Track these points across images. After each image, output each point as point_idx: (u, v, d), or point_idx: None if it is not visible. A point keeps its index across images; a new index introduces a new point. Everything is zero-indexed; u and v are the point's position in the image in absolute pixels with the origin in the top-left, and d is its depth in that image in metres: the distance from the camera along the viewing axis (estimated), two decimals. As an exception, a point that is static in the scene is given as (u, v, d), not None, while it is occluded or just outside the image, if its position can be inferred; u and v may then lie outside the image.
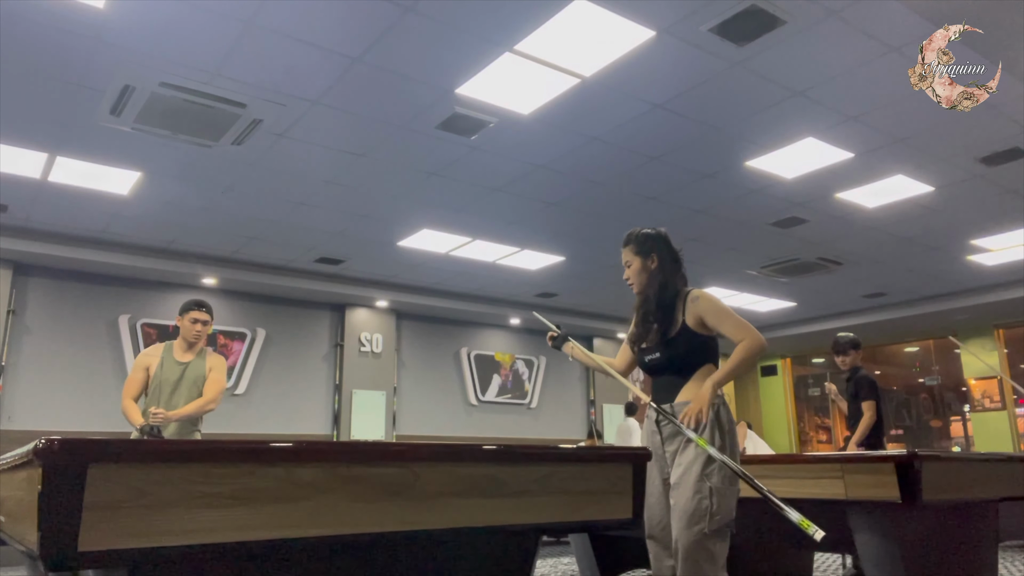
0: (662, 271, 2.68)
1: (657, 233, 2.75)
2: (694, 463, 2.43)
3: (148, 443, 1.55)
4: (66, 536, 1.32)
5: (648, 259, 2.70)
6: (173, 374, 3.88)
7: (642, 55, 4.19)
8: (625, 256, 2.76)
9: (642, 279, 2.71)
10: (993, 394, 10.65)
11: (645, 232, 2.75)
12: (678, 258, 2.75)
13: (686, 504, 2.39)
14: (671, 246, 2.75)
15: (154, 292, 8.38)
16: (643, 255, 2.71)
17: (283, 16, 3.84)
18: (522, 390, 11.11)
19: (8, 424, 7.32)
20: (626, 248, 2.76)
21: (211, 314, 4.04)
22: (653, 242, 2.72)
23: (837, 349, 5.18)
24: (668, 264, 2.70)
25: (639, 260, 2.72)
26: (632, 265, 2.73)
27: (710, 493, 2.38)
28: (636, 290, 2.75)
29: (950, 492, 2.85)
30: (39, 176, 5.80)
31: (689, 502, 2.38)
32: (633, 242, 2.75)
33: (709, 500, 2.37)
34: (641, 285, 2.72)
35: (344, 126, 5.04)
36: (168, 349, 3.98)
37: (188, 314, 3.96)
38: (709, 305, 2.59)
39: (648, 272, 2.70)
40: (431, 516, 1.74)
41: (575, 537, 3.87)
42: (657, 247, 2.71)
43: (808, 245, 7.79)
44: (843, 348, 5.14)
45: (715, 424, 2.47)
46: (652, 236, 2.73)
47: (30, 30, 3.90)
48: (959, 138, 5.30)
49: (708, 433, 2.44)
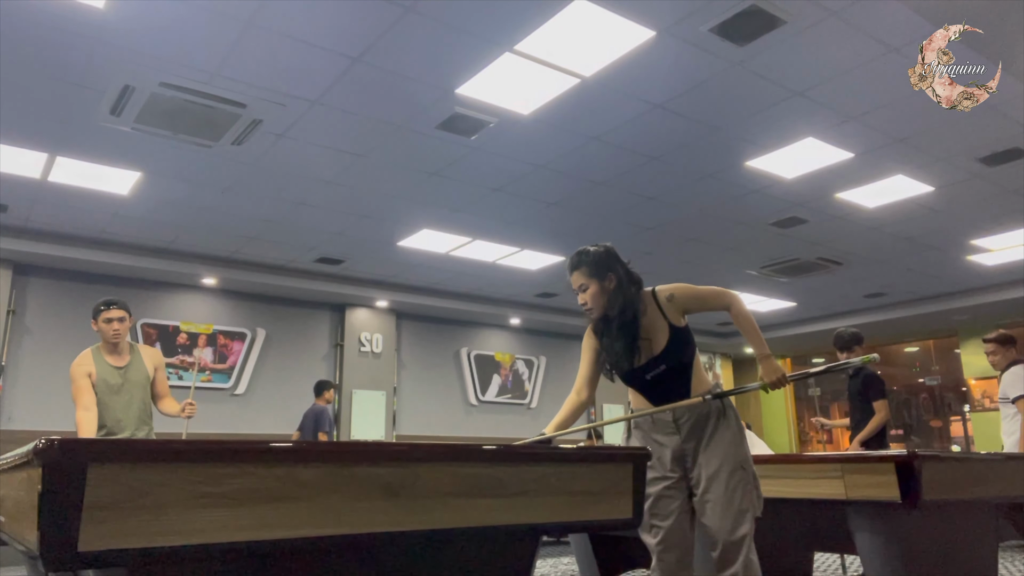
0: (622, 288, 2.52)
1: (607, 250, 2.57)
2: (733, 453, 2.45)
3: (148, 443, 1.56)
4: (66, 536, 1.32)
5: (606, 280, 2.52)
6: (114, 378, 3.73)
7: (642, 55, 4.19)
8: (578, 280, 2.55)
9: (601, 302, 2.53)
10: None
11: (595, 251, 2.56)
12: (629, 269, 2.59)
13: (730, 494, 2.40)
14: (621, 259, 2.59)
15: (154, 292, 8.38)
16: (599, 277, 2.52)
17: (283, 16, 3.84)
18: (522, 390, 11.11)
19: (8, 424, 7.32)
20: (577, 272, 2.56)
21: (125, 308, 3.82)
22: (607, 260, 2.54)
23: (840, 344, 5.04)
24: (625, 280, 2.54)
25: (595, 283, 2.52)
26: (589, 289, 2.53)
27: (753, 478, 2.45)
28: (596, 315, 2.56)
29: (950, 492, 2.85)
30: (39, 176, 5.80)
31: (735, 492, 2.40)
32: (586, 264, 2.55)
33: (753, 486, 2.44)
34: (601, 308, 2.53)
35: (344, 126, 5.04)
36: (97, 354, 3.78)
37: (100, 316, 3.76)
38: (687, 295, 2.54)
39: (607, 294, 2.52)
40: (431, 516, 1.74)
41: (575, 537, 3.86)
42: (611, 264, 2.54)
43: (808, 245, 7.79)
44: (846, 343, 5.01)
45: (724, 415, 2.52)
46: (604, 254, 2.56)
47: (30, 30, 3.90)
48: (959, 138, 5.30)
49: (728, 428, 2.49)
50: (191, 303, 8.65)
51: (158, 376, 3.89)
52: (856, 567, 4.83)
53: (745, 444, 2.53)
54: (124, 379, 3.75)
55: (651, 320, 2.53)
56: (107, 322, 3.74)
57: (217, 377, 8.64)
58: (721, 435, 2.49)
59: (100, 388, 3.69)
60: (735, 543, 2.37)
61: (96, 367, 3.71)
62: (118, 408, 3.70)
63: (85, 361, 3.74)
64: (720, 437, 2.48)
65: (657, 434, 2.57)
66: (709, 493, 2.44)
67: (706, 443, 2.49)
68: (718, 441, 2.48)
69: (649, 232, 7.15)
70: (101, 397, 3.68)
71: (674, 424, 2.54)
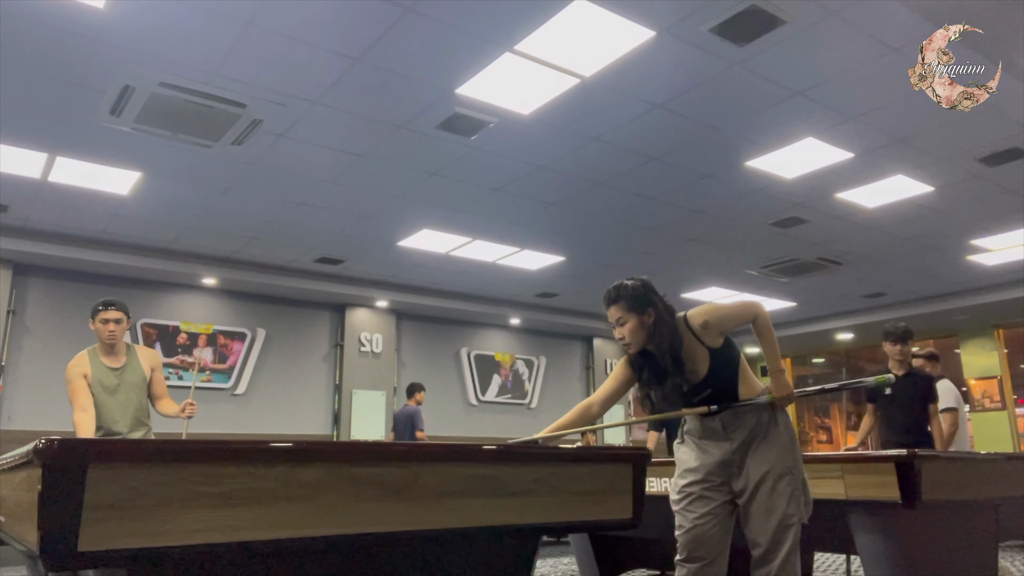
0: (661, 323, 2.45)
1: (643, 283, 2.51)
2: (781, 459, 2.44)
3: (148, 443, 1.55)
4: (66, 536, 1.32)
5: (644, 314, 2.44)
6: (109, 380, 3.71)
7: (642, 55, 4.19)
8: (615, 314, 2.48)
9: (640, 337, 2.46)
10: (993, 394, 10.65)
11: (633, 285, 2.49)
12: (666, 301, 2.53)
13: (774, 502, 2.40)
14: (657, 291, 2.53)
15: (154, 292, 8.38)
16: (638, 311, 2.45)
17: (283, 16, 3.84)
18: (522, 390, 11.11)
19: (8, 424, 7.32)
20: (615, 306, 2.48)
21: (123, 310, 3.78)
22: (645, 294, 2.47)
23: (897, 337, 4.47)
24: (664, 313, 2.47)
25: (635, 317, 2.45)
26: (627, 323, 2.46)
27: (802, 485, 2.46)
28: (633, 349, 2.50)
29: (950, 492, 2.85)
30: (39, 176, 5.80)
31: (779, 499, 2.40)
32: (625, 298, 2.47)
33: (802, 491, 2.45)
34: (640, 344, 2.47)
35: (344, 126, 5.04)
36: (93, 355, 3.76)
37: (97, 316, 3.73)
38: (720, 318, 2.49)
39: (646, 328, 2.45)
40: (431, 516, 1.74)
41: (575, 537, 3.87)
42: (650, 298, 2.47)
43: (808, 245, 7.79)
44: (904, 336, 4.46)
45: (775, 422, 2.50)
46: (642, 288, 2.49)
47: (30, 30, 3.90)
48: (959, 138, 5.30)
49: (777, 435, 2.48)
50: (191, 303, 8.65)
51: (155, 377, 3.87)
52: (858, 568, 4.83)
53: (796, 450, 2.50)
54: (120, 380, 3.74)
55: (689, 348, 2.48)
56: (103, 323, 3.72)
57: (217, 377, 8.64)
58: (770, 443, 2.46)
59: (95, 389, 3.67)
60: (776, 550, 2.37)
61: (91, 368, 3.70)
62: (114, 409, 3.69)
63: (80, 362, 3.72)
64: (769, 445, 2.46)
65: (707, 441, 2.54)
66: (752, 501, 2.42)
67: (755, 450, 2.47)
68: (766, 448, 2.46)
69: (649, 232, 7.15)
70: (97, 398, 3.66)
71: (723, 432, 2.50)
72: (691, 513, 2.45)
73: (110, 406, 3.69)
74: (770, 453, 2.45)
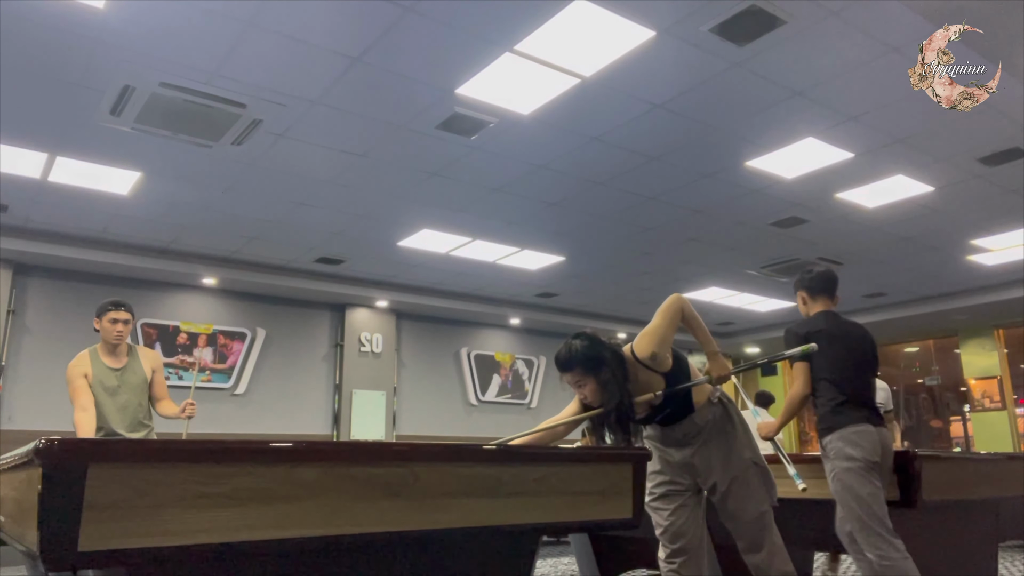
0: (615, 375, 2.44)
1: (591, 340, 2.50)
2: (741, 454, 2.53)
3: (148, 443, 1.56)
4: (66, 536, 1.32)
5: (601, 372, 2.44)
6: (110, 380, 3.71)
7: (642, 55, 4.19)
8: (572, 379, 2.50)
9: (603, 396, 2.47)
10: (993, 394, 10.65)
11: (581, 345, 2.47)
12: (614, 348, 2.52)
13: (750, 499, 2.49)
14: (604, 341, 2.52)
15: (154, 292, 8.38)
16: (594, 373, 2.45)
17: (283, 16, 3.84)
18: (522, 390, 11.11)
19: (8, 424, 7.32)
20: (570, 373, 2.49)
21: (131, 311, 3.80)
22: (596, 353, 2.46)
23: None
24: (615, 364, 2.46)
25: (592, 379, 2.45)
26: (586, 386, 2.47)
27: (764, 471, 2.54)
28: (597, 404, 2.50)
29: (950, 492, 2.85)
30: (39, 176, 5.80)
31: (754, 493, 2.49)
32: (578, 363, 2.46)
33: (766, 477, 2.53)
34: (604, 399, 2.46)
35: (344, 126, 5.04)
36: (94, 355, 3.75)
37: (107, 315, 3.72)
38: (660, 344, 2.46)
39: (604, 384, 2.45)
40: (431, 516, 1.74)
41: (575, 537, 3.87)
42: (600, 354, 2.46)
43: (808, 245, 7.78)
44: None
45: (728, 418, 2.58)
46: (591, 346, 2.47)
47: (30, 30, 3.89)
48: (959, 138, 5.30)
49: (733, 429, 2.56)
50: (191, 303, 8.65)
51: (156, 379, 3.87)
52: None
53: (752, 440, 2.60)
54: (120, 381, 3.74)
55: (643, 379, 2.51)
56: (112, 322, 3.72)
57: (217, 377, 8.63)
58: (728, 439, 2.55)
59: (96, 390, 3.67)
60: (758, 539, 2.46)
61: (92, 368, 3.70)
62: (114, 410, 3.69)
63: (81, 362, 3.72)
64: (727, 439, 2.55)
65: (668, 447, 2.64)
66: (727, 500, 2.51)
67: (716, 447, 2.55)
68: (726, 444, 2.54)
69: (649, 232, 7.15)
70: (97, 399, 3.66)
71: (683, 438, 2.60)
72: (664, 511, 2.57)
73: (110, 406, 3.69)
74: (731, 449, 2.53)
